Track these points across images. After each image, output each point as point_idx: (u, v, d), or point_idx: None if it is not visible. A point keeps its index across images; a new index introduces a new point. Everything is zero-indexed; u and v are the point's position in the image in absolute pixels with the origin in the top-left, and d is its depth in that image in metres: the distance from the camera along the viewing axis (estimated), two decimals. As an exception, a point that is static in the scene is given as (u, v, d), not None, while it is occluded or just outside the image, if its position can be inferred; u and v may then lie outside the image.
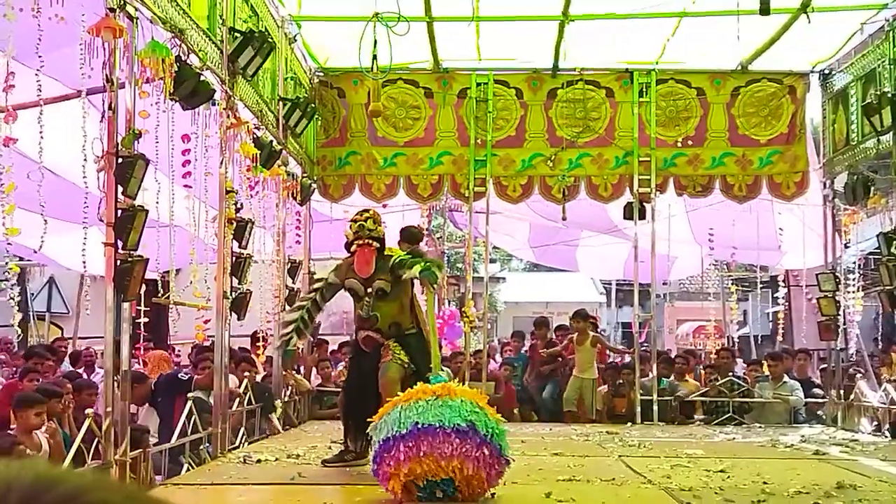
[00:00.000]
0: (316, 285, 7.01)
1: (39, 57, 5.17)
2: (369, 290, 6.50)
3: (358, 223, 6.70)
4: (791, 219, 13.41)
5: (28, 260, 13.96)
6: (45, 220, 5.38)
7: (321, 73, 12.09)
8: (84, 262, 6.23)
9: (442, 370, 6.09)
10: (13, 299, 6.27)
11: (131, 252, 5.71)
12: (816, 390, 11.91)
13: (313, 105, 10.87)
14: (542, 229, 15.99)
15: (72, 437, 6.95)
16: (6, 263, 5.29)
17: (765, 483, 6.33)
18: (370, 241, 6.62)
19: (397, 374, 6.43)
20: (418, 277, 6.40)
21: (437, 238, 20.26)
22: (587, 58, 11.79)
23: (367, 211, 6.96)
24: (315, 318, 6.93)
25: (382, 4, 8.56)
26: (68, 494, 1.00)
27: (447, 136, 12.14)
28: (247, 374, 9.39)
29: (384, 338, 6.54)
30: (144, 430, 7.42)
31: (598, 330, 13.64)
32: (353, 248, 6.69)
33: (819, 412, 11.68)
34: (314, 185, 11.49)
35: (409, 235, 7.76)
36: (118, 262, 5.62)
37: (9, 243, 5.18)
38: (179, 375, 9.08)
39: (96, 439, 5.69)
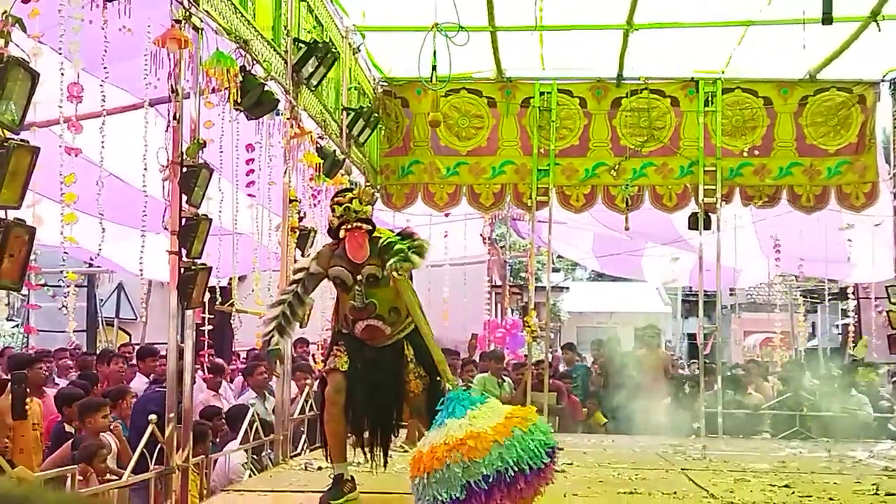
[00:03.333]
0: (297, 276, 6.06)
1: (105, 68, 5.26)
2: (359, 277, 5.70)
3: (343, 205, 5.71)
4: (860, 230, 13.16)
5: (97, 266, 14.20)
6: (103, 228, 5.46)
7: (385, 83, 12.15)
8: (141, 269, 6.31)
9: (459, 382, 5.44)
10: (65, 307, 6.34)
11: (195, 260, 5.79)
12: (885, 404, 11.69)
13: (377, 114, 10.92)
14: (606, 239, 15.90)
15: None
16: (62, 272, 5.36)
17: (830, 500, 6.21)
18: (360, 224, 5.69)
19: (425, 407, 5.75)
20: (389, 269, 5.41)
21: (501, 247, 20.26)
22: (652, 67, 11.71)
23: (350, 190, 5.95)
24: (298, 313, 6.05)
25: (447, 14, 8.57)
26: None
27: (510, 145, 12.12)
28: (305, 381, 9.47)
29: (386, 324, 5.74)
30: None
31: (665, 342, 13.45)
32: (342, 232, 5.75)
33: (889, 426, 11.45)
34: (377, 194, 11.53)
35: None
36: (182, 270, 5.70)
37: (65, 252, 5.25)
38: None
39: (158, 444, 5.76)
